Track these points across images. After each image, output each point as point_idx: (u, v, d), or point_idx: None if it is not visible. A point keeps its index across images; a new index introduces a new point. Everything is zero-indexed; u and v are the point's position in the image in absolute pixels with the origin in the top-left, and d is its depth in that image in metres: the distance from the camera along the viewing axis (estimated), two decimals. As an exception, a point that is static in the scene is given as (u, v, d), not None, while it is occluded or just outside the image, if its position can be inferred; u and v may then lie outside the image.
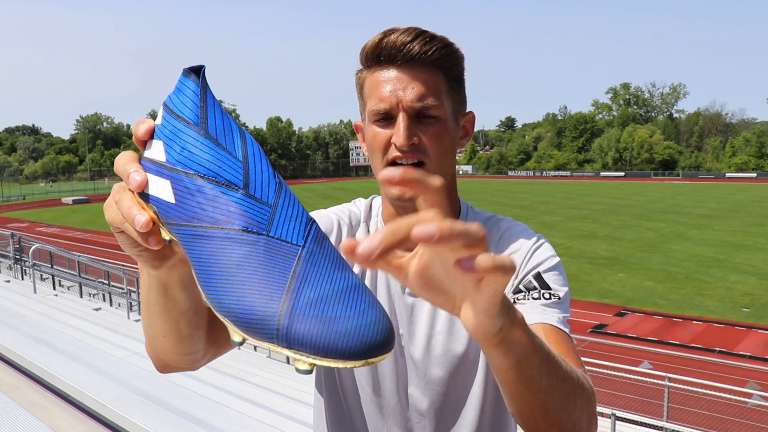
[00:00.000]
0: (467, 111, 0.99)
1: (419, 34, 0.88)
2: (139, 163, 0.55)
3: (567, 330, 0.86)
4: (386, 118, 0.90)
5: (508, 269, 0.42)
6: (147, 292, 0.67)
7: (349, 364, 0.44)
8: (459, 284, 0.47)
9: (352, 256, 0.39)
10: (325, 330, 0.44)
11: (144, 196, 0.54)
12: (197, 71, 0.53)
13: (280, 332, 0.45)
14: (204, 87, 0.53)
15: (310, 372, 0.46)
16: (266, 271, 0.47)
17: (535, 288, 0.90)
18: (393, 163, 0.90)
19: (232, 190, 0.49)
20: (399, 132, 0.88)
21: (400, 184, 0.42)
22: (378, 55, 0.90)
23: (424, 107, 0.88)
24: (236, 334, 0.48)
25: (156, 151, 0.54)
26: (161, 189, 0.53)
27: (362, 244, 0.39)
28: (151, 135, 0.54)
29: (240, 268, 0.47)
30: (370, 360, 0.45)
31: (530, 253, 0.95)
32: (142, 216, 0.52)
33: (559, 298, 0.89)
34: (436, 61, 0.89)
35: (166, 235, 0.54)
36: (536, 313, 0.87)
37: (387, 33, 0.89)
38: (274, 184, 0.50)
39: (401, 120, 0.88)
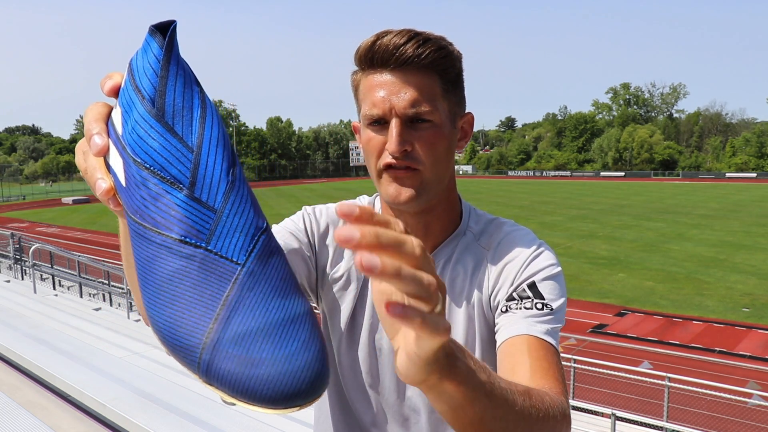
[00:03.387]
0: (465, 112, 0.97)
1: (413, 36, 0.86)
2: (106, 123, 0.49)
3: (553, 342, 0.85)
4: (379, 123, 0.89)
5: (440, 332, 0.42)
6: (124, 242, 0.63)
7: (269, 411, 0.42)
8: (391, 322, 0.46)
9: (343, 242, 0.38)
10: (247, 373, 0.40)
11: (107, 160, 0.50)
12: (165, 29, 0.46)
13: (201, 366, 0.41)
14: (169, 51, 0.46)
15: (234, 404, 0.43)
16: (197, 293, 0.42)
17: (528, 297, 0.89)
18: (388, 167, 0.89)
19: (176, 189, 0.44)
20: (392, 139, 0.86)
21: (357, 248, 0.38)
22: (371, 58, 0.88)
23: (418, 113, 0.86)
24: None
25: (117, 118, 0.48)
26: (117, 165, 0.48)
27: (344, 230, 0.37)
28: (117, 93, 0.49)
29: (171, 284, 0.43)
30: (292, 407, 0.42)
31: (528, 261, 0.93)
32: (103, 182, 0.49)
33: (552, 309, 0.88)
34: (430, 64, 0.86)
35: None
36: (523, 325, 0.86)
37: (380, 35, 0.87)
38: (224, 184, 0.45)
39: (394, 126, 0.86)
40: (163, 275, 0.43)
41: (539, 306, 0.88)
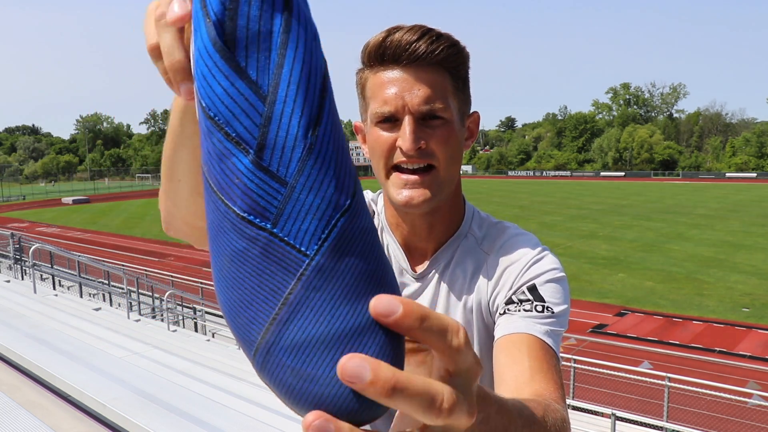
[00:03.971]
0: (472, 112, 0.96)
1: (425, 32, 0.84)
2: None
3: (553, 344, 0.81)
4: (390, 121, 0.86)
5: None
6: (180, 113, 0.57)
7: None
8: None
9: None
10: (298, 387, 0.35)
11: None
12: None
13: (255, 364, 0.37)
14: None
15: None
16: (258, 282, 0.36)
17: (527, 300, 0.86)
18: (397, 167, 0.87)
19: (241, 151, 0.35)
20: (405, 136, 0.84)
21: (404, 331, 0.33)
22: (381, 55, 0.85)
23: (431, 110, 0.84)
24: None
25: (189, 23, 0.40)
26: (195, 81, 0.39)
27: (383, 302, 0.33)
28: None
29: (233, 265, 0.37)
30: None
31: (529, 265, 0.90)
32: (187, 86, 0.41)
33: (553, 313, 0.84)
34: (442, 61, 0.85)
35: None
36: (522, 324, 0.83)
37: (391, 31, 0.85)
38: (300, 149, 0.35)
39: (407, 124, 0.84)
40: (226, 252, 0.37)
41: (539, 308, 0.85)
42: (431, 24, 0.87)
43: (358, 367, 0.30)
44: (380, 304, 0.32)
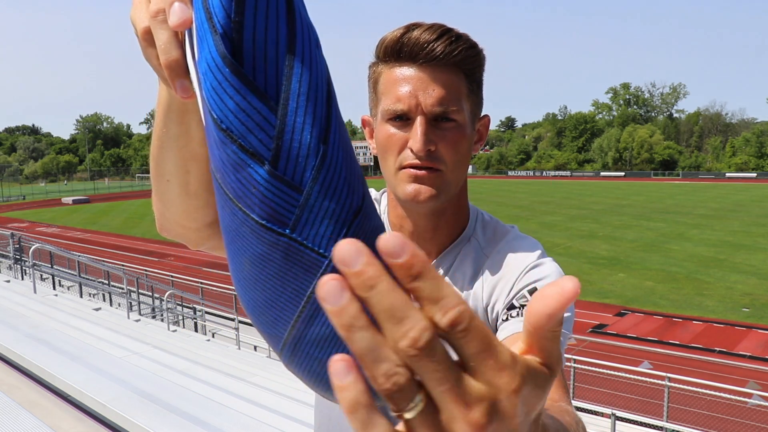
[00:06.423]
0: (483, 115, 0.95)
1: (444, 32, 0.83)
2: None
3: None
4: (402, 119, 0.85)
5: None
6: (163, 114, 0.57)
7: None
8: None
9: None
10: (326, 377, 0.37)
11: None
12: None
13: (283, 357, 0.40)
14: None
15: None
16: (280, 283, 0.38)
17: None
18: (408, 166, 0.85)
19: (256, 162, 0.36)
20: (416, 137, 0.83)
21: None
22: (398, 51, 0.84)
23: (444, 112, 0.84)
24: None
25: (191, 32, 0.40)
26: (197, 91, 0.40)
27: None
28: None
29: (254, 267, 0.38)
30: None
31: (528, 268, 0.88)
32: (183, 83, 0.40)
33: None
34: (459, 62, 0.84)
35: None
36: None
37: (410, 28, 0.84)
38: (314, 156, 0.37)
39: (419, 124, 0.83)
40: (246, 255, 0.39)
41: None
42: (426, 22, 0.86)
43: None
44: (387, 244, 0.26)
